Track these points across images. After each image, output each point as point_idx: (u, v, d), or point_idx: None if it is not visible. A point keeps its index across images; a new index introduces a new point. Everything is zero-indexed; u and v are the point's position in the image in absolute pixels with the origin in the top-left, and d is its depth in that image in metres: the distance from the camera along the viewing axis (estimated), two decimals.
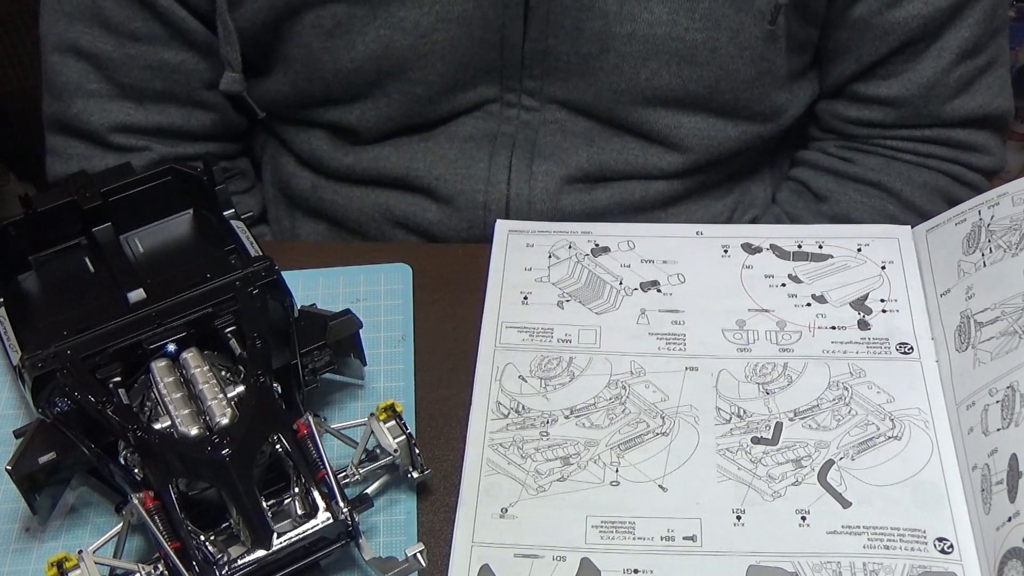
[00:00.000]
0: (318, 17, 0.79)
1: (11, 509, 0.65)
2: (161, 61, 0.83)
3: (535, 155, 0.85)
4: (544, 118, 0.85)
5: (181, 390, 0.61)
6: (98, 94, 0.84)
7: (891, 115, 0.88)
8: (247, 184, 0.94)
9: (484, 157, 0.85)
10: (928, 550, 0.61)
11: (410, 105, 0.83)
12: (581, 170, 0.85)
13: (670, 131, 0.84)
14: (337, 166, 0.88)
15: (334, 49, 0.80)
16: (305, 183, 0.91)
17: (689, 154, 0.85)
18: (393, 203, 0.88)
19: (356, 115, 0.84)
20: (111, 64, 0.83)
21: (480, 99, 0.84)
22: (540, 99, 0.84)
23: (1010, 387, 0.63)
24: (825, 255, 0.76)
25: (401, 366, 0.71)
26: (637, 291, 0.75)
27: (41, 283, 0.70)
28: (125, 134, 0.86)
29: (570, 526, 0.63)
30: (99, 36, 0.82)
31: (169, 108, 0.86)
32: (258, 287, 0.65)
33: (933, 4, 0.81)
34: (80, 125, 0.85)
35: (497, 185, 0.85)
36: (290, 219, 0.94)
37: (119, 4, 0.81)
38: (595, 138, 0.85)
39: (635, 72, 0.81)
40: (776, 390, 0.69)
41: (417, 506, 0.65)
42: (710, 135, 0.85)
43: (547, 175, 0.85)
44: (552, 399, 0.69)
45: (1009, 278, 0.68)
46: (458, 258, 0.80)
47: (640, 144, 0.85)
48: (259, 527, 0.57)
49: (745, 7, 0.79)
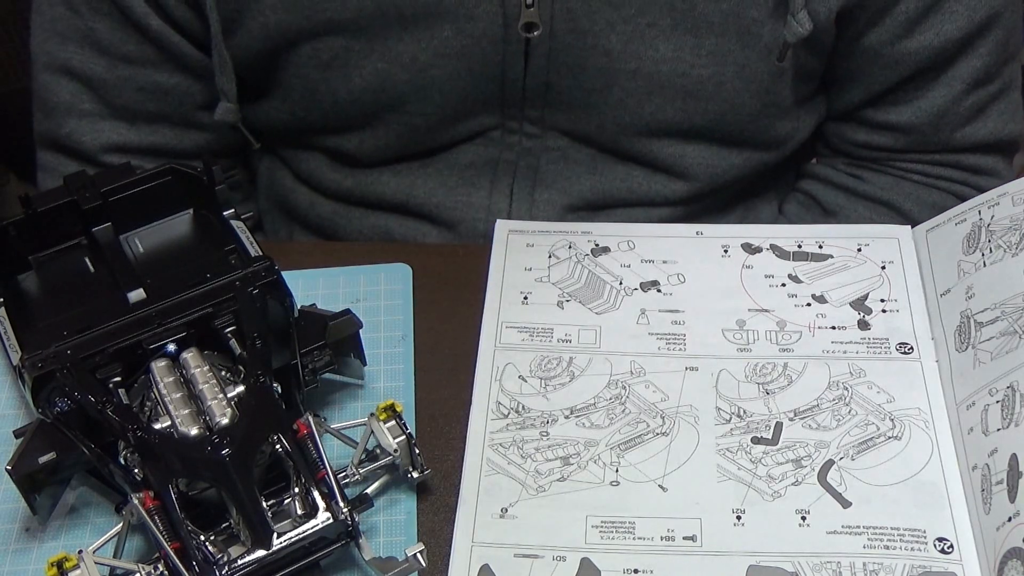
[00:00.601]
0: (315, 49, 0.78)
1: (11, 509, 0.65)
2: (154, 84, 0.82)
3: (537, 183, 0.84)
4: (546, 145, 0.83)
5: (181, 390, 0.61)
6: (90, 114, 0.83)
7: (901, 140, 0.86)
8: (242, 195, 0.93)
9: (485, 184, 0.84)
10: (928, 550, 0.61)
11: (409, 135, 0.82)
12: (583, 198, 0.85)
13: (674, 160, 0.83)
14: (336, 188, 0.87)
15: (331, 81, 0.79)
16: (303, 199, 0.90)
17: (694, 182, 0.85)
18: (393, 226, 0.87)
19: (355, 143, 0.83)
20: (103, 85, 0.82)
21: (481, 127, 0.83)
22: (542, 127, 0.82)
23: (1010, 387, 0.63)
24: (825, 255, 0.76)
25: (401, 366, 0.71)
26: (637, 291, 0.75)
27: (41, 283, 0.70)
28: (117, 154, 0.84)
29: (570, 526, 0.63)
30: (91, 57, 0.81)
31: (162, 128, 0.84)
32: (258, 287, 0.65)
33: (945, 35, 0.79)
34: (72, 144, 0.84)
35: (498, 214, 0.84)
36: (287, 230, 0.93)
37: (112, 27, 0.79)
38: (598, 166, 0.84)
39: (639, 107, 0.80)
40: (776, 390, 0.69)
41: (417, 506, 0.65)
42: (715, 163, 0.84)
43: (548, 203, 0.84)
44: (552, 399, 0.69)
45: (1009, 278, 0.68)
46: (458, 258, 0.80)
47: (644, 172, 0.84)
48: (259, 527, 0.57)
49: (752, 44, 0.77)
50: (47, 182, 0.87)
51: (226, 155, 0.90)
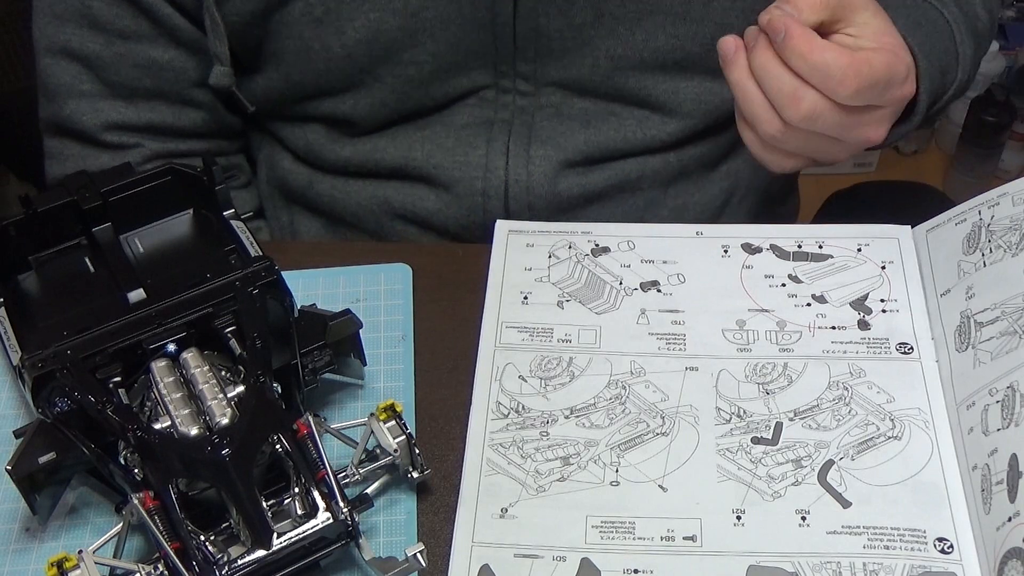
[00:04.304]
0: (307, 5, 0.79)
1: (11, 509, 0.65)
2: (150, 59, 0.84)
3: (532, 140, 0.86)
4: (539, 103, 0.85)
5: (181, 390, 0.61)
6: (90, 94, 0.85)
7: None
8: (243, 180, 0.95)
9: (481, 144, 0.86)
10: (928, 550, 0.61)
11: (403, 89, 0.83)
12: (579, 152, 0.86)
13: (668, 97, 0.85)
14: (334, 159, 0.88)
15: (325, 36, 0.81)
16: (302, 179, 0.91)
17: (687, 119, 0.86)
18: (391, 195, 0.88)
19: (350, 104, 0.85)
20: (101, 63, 0.84)
21: (474, 85, 0.85)
22: (535, 83, 0.84)
23: (1010, 387, 0.63)
24: (825, 255, 0.76)
25: (401, 366, 0.71)
26: (637, 291, 0.75)
27: (41, 283, 0.70)
28: (117, 132, 0.87)
29: (570, 526, 0.63)
30: (89, 36, 0.83)
31: (159, 106, 0.87)
32: (258, 287, 0.65)
33: None
34: (73, 125, 0.86)
35: (495, 171, 0.86)
36: (288, 215, 0.95)
37: (107, 3, 0.82)
38: (591, 119, 0.86)
39: (631, 34, 0.81)
40: (776, 390, 0.69)
41: (417, 506, 0.65)
42: (707, 99, 0.86)
43: (544, 159, 0.86)
44: (552, 399, 0.69)
45: (1009, 278, 0.68)
46: (458, 258, 0.80)
47: (637, 116, 0.86)
48: (259, 527, 0.57)
49: None
50: (54, 168, 0.89)
51: (225, 136, 0.92)
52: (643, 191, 0.89)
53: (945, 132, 2.24)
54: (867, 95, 0.69)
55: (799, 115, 0.69)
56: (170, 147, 0.88)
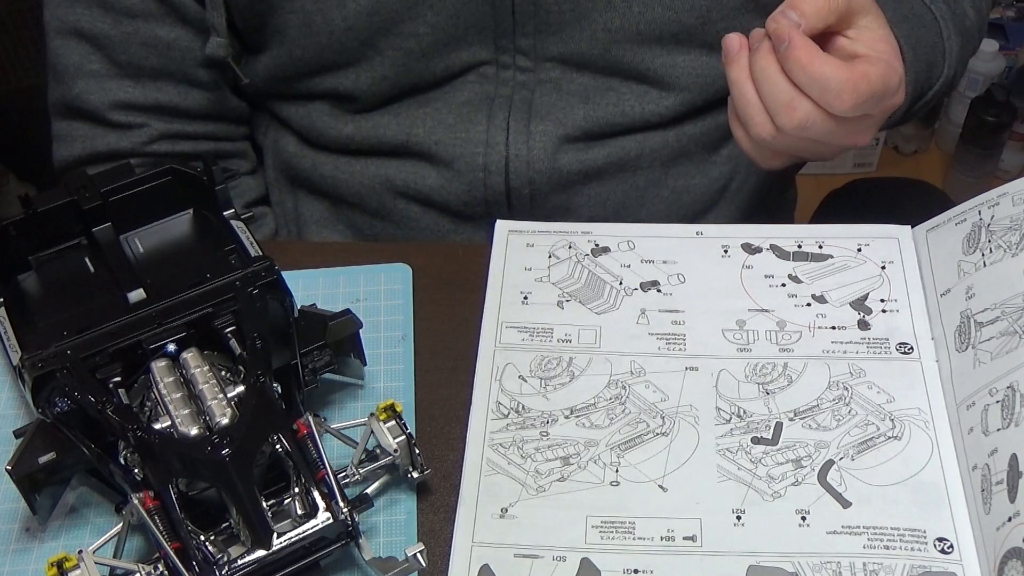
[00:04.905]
0: None
1: (11, 509, 0.65)
2: (156, 38, 0.85)
3: (532, 115, 0.87)
4: (539, 78, 0.86)
5: (181, 390, 0.61)
6: (98, 74, 0.87)
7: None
8: (249, 166, 0.96)
9: (482, 120, 0.87)
10: (928, 550, 0.61)
11: (404, 63, 0.84)
12: (578, 127, 0.87)
13: (665, 71, 0.86)
14: (337, 136, 0.89)
15: (326, 10, 0.81)
16: (306, 162, 0.92)
17: (685, 93, 0.87)
18: (393, 172, 0.89)
19: (352, 79, 0.86)
20: (109, 42, 0.85)
21: (474, 60, 0.85)
22: (534, 58, 0.85)
23: (1010, 387, 0.63)
24: (825, 255, 0.76)
25: (401, 366, 0.71)
26: (637, 291, 0.75)
27: (41, 283, 0.70)
28: (124, 111, 0.88)
29: (570, 526, 0.63)
30: (98, 15, 0.85)
31: (166, 86, 0.88)
32: (258, 287, 0.65)
33: None
34: (81, 105, 0.87)
35: (496, 147, 0.86)
36: (292, 200, 0.96)
37: None
38: (590, 94, 0.87)
39: (627, 7, 0.82)
40: (776, 390, 0.69)
41: (417, 506, 0.65)
42: (704, 73, 0.86)
43: (544, 135, 0.87)
44: (552, 399, 0.69)
45: (1009, 278, 0.68)
46: (458, 258, 0.80)
47: (636, 91, 0.87)
48: (259, 527, 0.57)
49: None
50: (61, 151, 0.90)
51: (231, 120, 0.93)
52: (643, 170, 0.90)
53: (945, 132, 2.24)
54: (862, 109, 0.70)
55: (792, 123, 0.70)
56: (176, 128, 0.90)
